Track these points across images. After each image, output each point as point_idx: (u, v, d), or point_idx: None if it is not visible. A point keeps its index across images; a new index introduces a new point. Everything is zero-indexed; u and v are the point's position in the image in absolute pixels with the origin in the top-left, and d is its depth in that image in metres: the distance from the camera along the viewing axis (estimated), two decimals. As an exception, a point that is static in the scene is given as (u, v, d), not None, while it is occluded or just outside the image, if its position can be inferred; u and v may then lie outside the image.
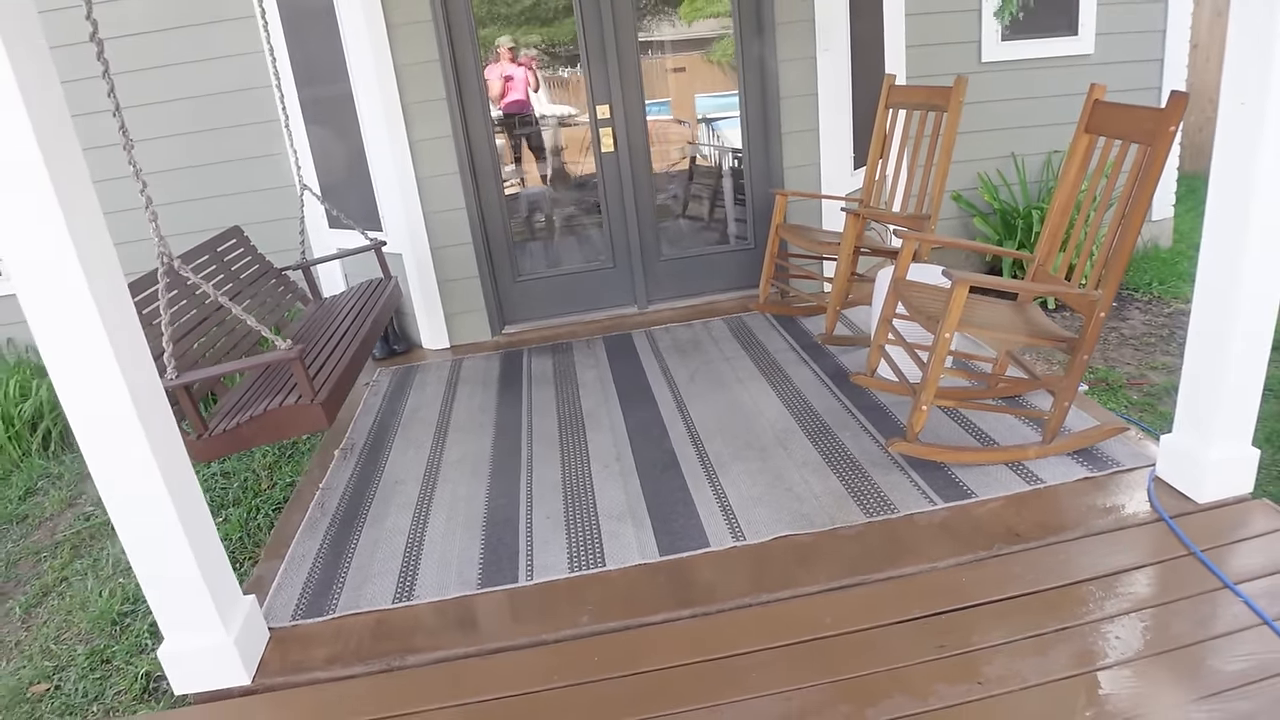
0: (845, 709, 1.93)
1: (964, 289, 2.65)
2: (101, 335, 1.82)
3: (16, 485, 3.99)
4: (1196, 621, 2.09)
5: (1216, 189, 2.30)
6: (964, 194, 5.37)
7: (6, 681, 2.67)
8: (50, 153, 1.72)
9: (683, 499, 2.84)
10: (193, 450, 2.42)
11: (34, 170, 1.70)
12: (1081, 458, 2.85)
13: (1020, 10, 4.73)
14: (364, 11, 3.92)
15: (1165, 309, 4.87)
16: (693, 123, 5.14)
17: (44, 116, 1.72)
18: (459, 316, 4.60)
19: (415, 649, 2.26)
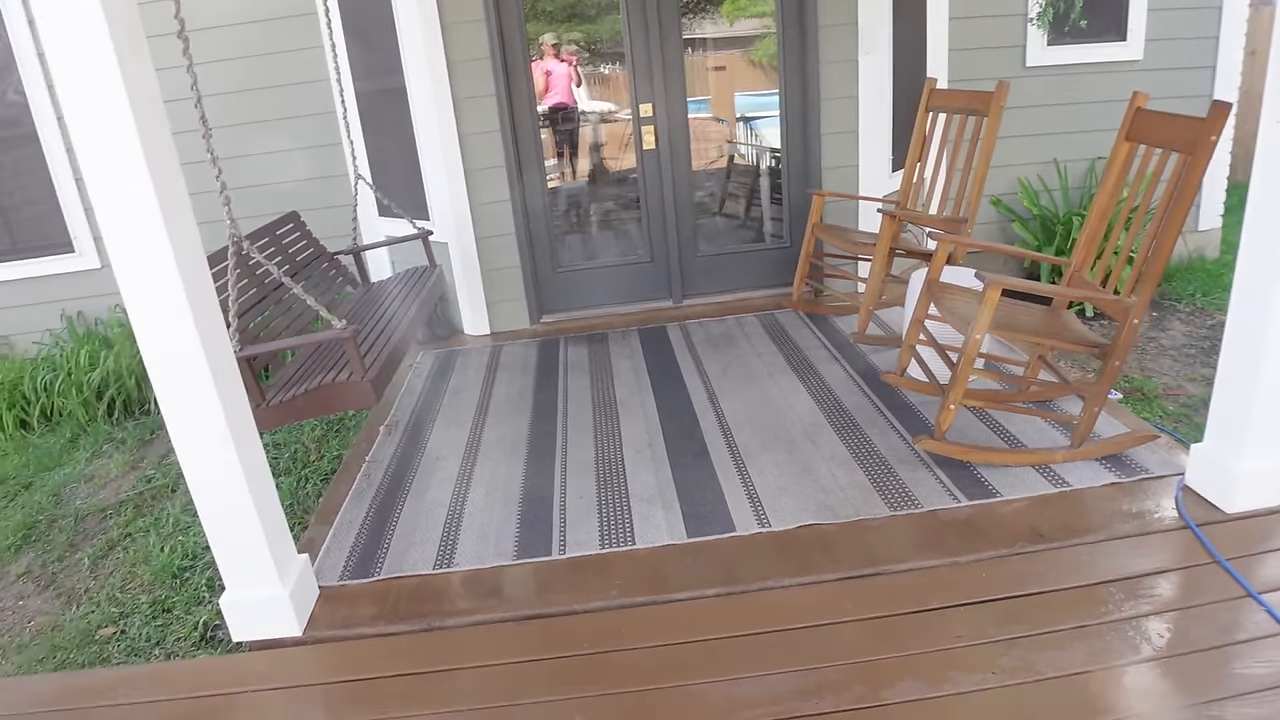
0: (860, 689, 2.01)
1: (996, 291, 2.71)
2: (185, 306, 1.97)
3: (84, 448, 4.22)
4: (1217, 627, 2.12)
5: (1256, 198, 2.33)
6: (1004, 199, 5.38)
7: (77, 624, 2.87)
8: (147, 140, 1.87)
9: (711, 485, 2.94)
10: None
11: (133, 155, 1.85)
12: (1110, 463, 2.88)
13: (1081, 18, 4.72)
14: (420, 10, 4.07)
15: (1208, 321, 4.84)
16: (731, 121, 5.21)
17: (142, 107, 1.87)
18: (500, 304, 4.74)
19: (454, 612, 2.39)
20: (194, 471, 2.15)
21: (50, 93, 4.73)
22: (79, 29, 1.78)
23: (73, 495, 3.86)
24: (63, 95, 1.84)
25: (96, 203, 1.93)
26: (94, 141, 1.87)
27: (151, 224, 1.91)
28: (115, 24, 1.79)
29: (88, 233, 4.98)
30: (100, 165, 1.89)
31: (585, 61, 4.96)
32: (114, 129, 1.84)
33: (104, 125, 1.84)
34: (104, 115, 1.84)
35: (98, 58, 1.79)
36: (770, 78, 4.70)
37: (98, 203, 1.93)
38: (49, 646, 2.84)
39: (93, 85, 1.81)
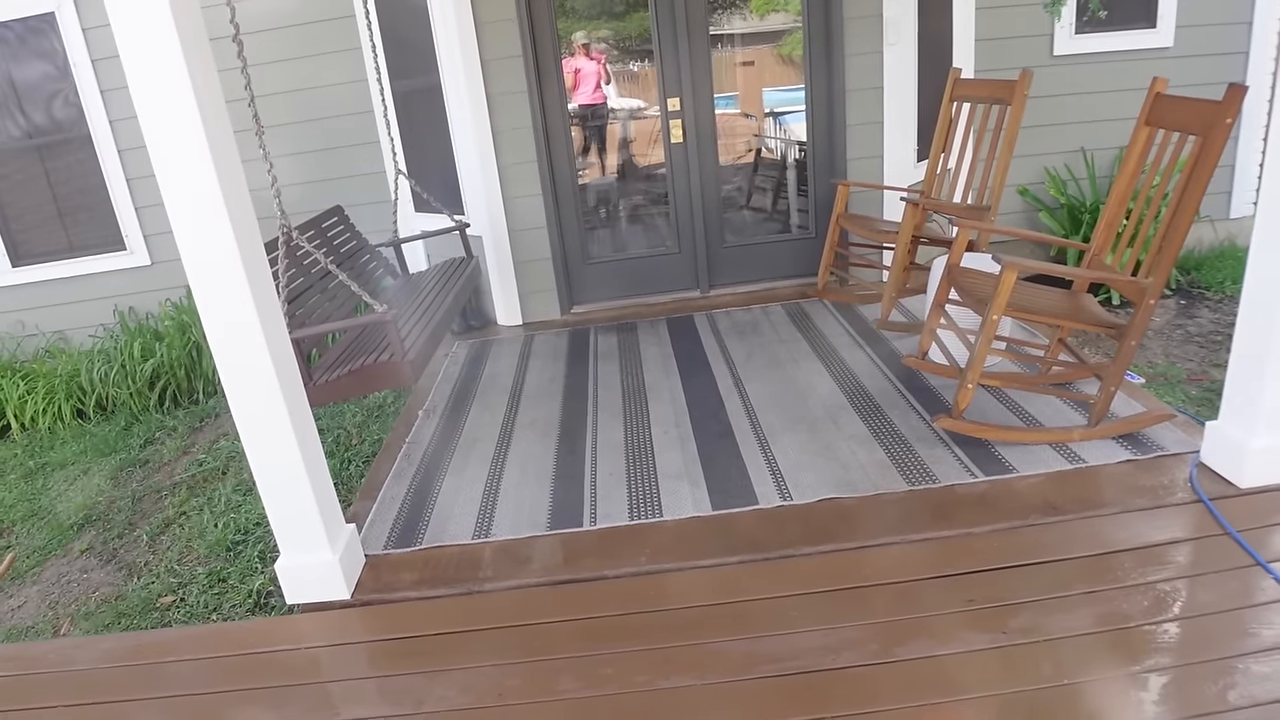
0: (875, 646, 2.12)
1: (1012, 273, 2.79)
2: (246, 290, 2.13)
3: (138, 435, 4.45)
4: (1225, 593, 2.20)
5: (1270, 187, 2.39)
6: (1031, 188, 5.41)
7: (139, 594, 3.07)
8: (213, 137, 2.04)
9: (736, 463, 3.05)
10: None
11: (200, 150, 2.02)
12: (1126, 442, 2.94)
13: (1100, 8, 4.74)
14: (455, 10, 4.23)
15: (1235, 308, 4.82)
16: (759, 116, 5.30)
17: (208, 106, 2.04)
18: (532, 295, 4.89)
19: (491, 577, 2.54)
20: (254, 444, 2.32)
21: (103, 98, 4.97)
22: (153, 40, 1.94)
23: (129, 478, 4.08)
24: (137, 98, 2.00)
25: (166, 196, 2.09)
26: (165, 138, 2.04)
27: (217, 214, 2.08)
28: (185, 33, 1.96)
29: (138, 231, 5.22)
30: (171, 161, 2.06)
31: (615, 59, 5.08)
32: (183, 127, 2.01)
33: (174, 124, 2.01)
34: (174, 115, 2.00)
35: (169, 63, 1.95)
36: (798, 72, 4.80)
37: (167, 196, 2.09)
38: (114, 613, 3.03)
39: (164, 88, 1.98)
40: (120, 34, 1.94)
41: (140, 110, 2.01)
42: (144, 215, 5.19)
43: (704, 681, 2.06)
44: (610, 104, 5.23)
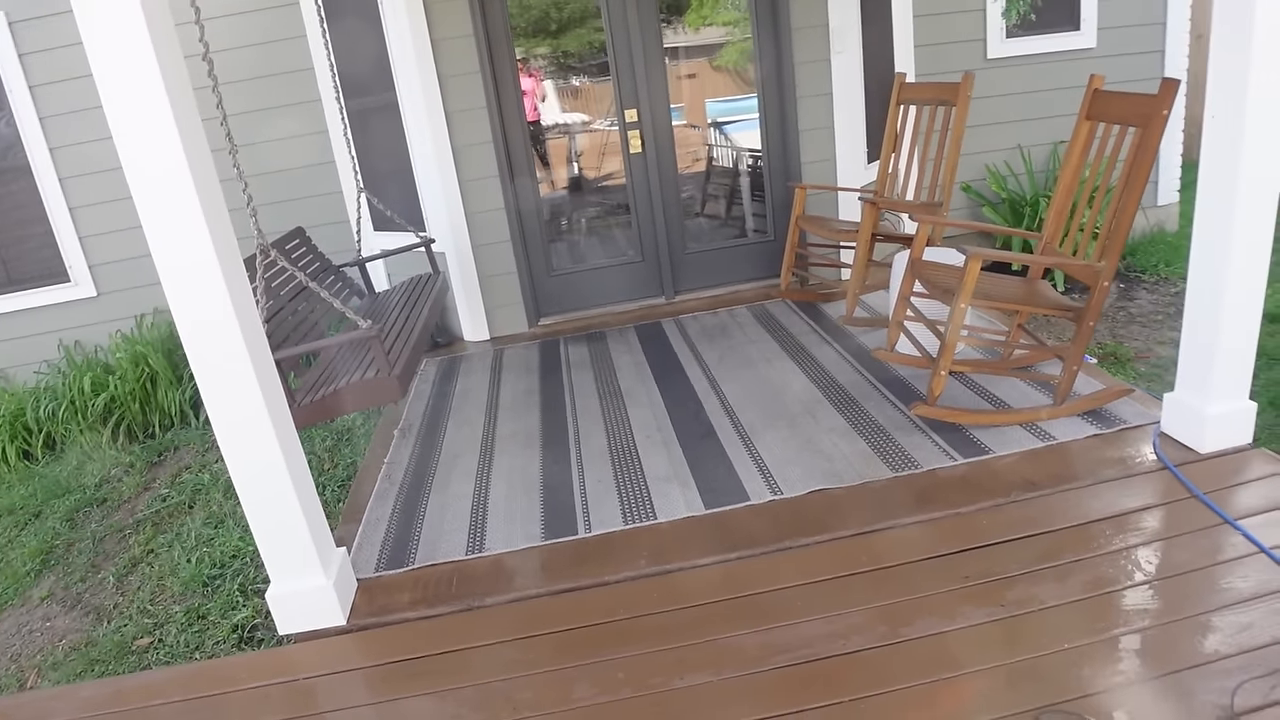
0: (883, 629, 2.16)
1: (977, 263, 2.89)
2: (229, 309, 2.09)
3: (92, 473, 4.28)
4: (1199, 552, 2.31)
5: (1207, 172, 2.54)
6: (973, 185, 5.61)
7: (111, 638, 2.94)
8: (192, 156, 2.00)
9: (722, 462, 3.09)
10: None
11: (180, 172, 1.98)
12: (1090, 418, 3.08)
13: (1030, 10, 4.96)
14: (410, 27, 4.21)
15: (1171, 289, 5.08)
16: (704, 126, 5.37)
17: (187, 126, 2.00)
18: (498, 309, 4.87)
19: (491, 591, 2.51)
20: (241, 469, 2.26)
21: (42, 125, 4.81)
22: (129, 57, 1.90)
23: (87, 519, 3.92)
24: (111, 115, 1.95)
25: (144, 216, 2.04)
26: (142, 157, 1.99)
27: (198, 234, 2.04)
28: (160, 49, 1.92)
29: (83, 262, 5.05)
30: (149, 181, 2.01)
31: (558, 75, 5.06)
32: (161, 145, 1.97)
33: (152, 142, 1.97)
34: (152, 133, 1.96)
35: (146, 82, 1.91)
36: (738, 83, 4.91)
37: (145, 216, 2.04)
38: (85, 661, 2.90)
39: (141, 106, 1.94)
40: (93, 48, 1.89)
41: (115, 127, 1.96)
42: (88, 245, 5.02)
43: (720, 677, 2.08)
44: (544, 121, 5.19)
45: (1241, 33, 2.33)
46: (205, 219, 2.03)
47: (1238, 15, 2.33)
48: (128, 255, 5.06)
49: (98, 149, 4.87)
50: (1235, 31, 2.35)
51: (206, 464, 4.16)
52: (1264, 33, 2.30)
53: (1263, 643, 1.93)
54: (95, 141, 4.87)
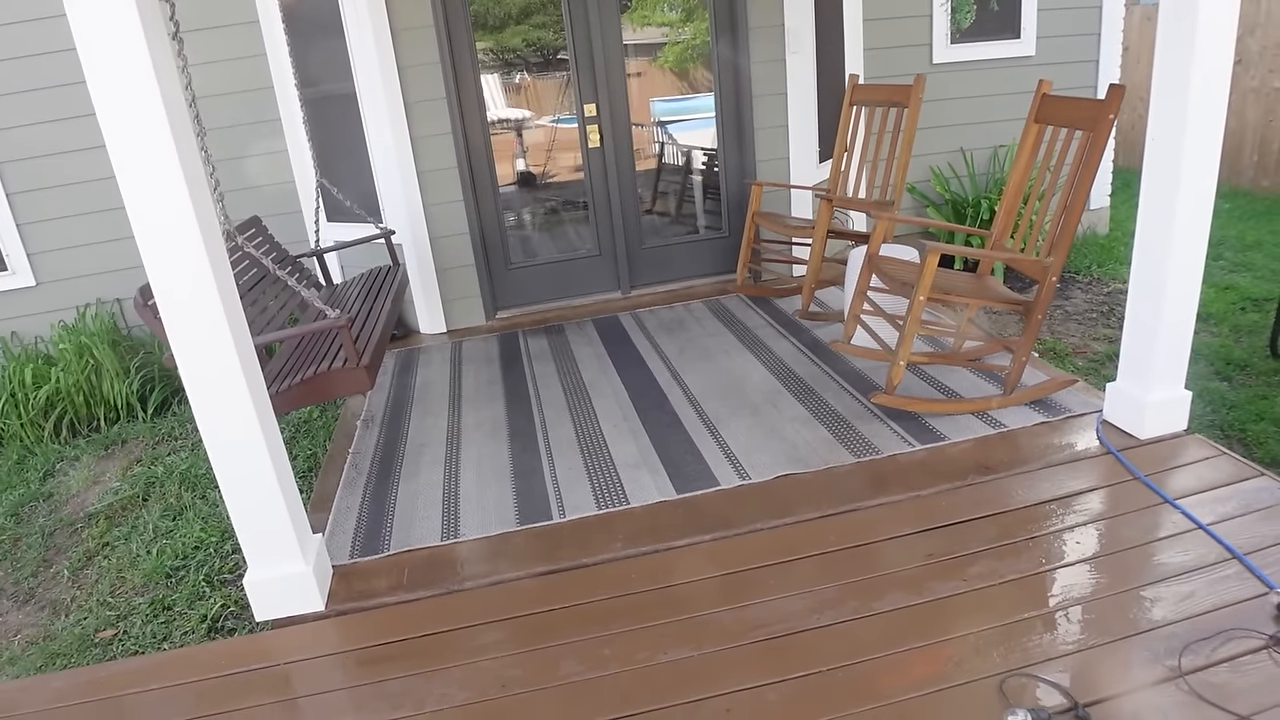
0: (854, 603, 2.27)
1: (935, 256, 3.03)
2: (213, 292, 2.07)
3: (35, 468, 4.13)
4: (1143, 529, 2.48)
5: (1150, 176, 2.72)
6: (918, 186, 5.81)
7: (71, 631, 2.87)
8: (179, 139, 1.97)
9: (690, 449, 3.17)
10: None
11: (166, 152, 1.95)
12: (1038, 406, 3.25)
13: (970, 12, 5.17)
14: (370, 17, 4.18)
15: (1104, 289, 5.36)
16: (650, 125, 5.41)
17: (173, 106, 1.97)
18: (455, 302, 4.86)
19: (470, 576, 2.54)
20: (221, 453, 2.24)
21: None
22: (115, 32, 1.87)
23: (33, 514, 3.78)
24: (95, 90, 1.92)
25: (128, 196, 2.00)
26: (127, 137, 1.96)
27: (183, 214, 2.01)
28: (148, 23, 1.90)
29: (21, 250, 4.85)
30: (132, 159, 1.98)
31: (516, 68, 5.02)
32: (149, 126, 1.94)
33: (140, 122, 1.94)
34: (140, 114, 1.93)
35: (132, 55, 1.89)
36: (686, 83, 4.99)
37: (129, 196, 2.00)
38: (45, 655, 2.82)
39: (126, 81, 1.91)
40: (78, 23, 1.86)
41: (99, 104, 1.93)
42: (27, 233, 4.82)
43: (701, 651, 2.15)
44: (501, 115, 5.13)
45: (1183, 53, 2.50)
46: (190, 196, 2.01)
47: (1180, 37, 2.50)
48: (68, 244, 4.90)
49: (37, 133, 4.71)
50: (1177, 53, 2.53)
51: (158, 457, 4.06)
52: (1204, 53, 2.48)
53: (1204, 609, 2.10)
54: (34, 125, 4.70)
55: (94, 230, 4.85)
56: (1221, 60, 2.52)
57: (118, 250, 4.85)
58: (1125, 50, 6.02)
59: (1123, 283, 5.28)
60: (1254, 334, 4.41)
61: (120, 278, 4.92)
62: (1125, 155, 7.31)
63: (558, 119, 5.06)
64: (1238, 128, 7.16)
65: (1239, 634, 1.99)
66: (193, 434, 4.30)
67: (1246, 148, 7.22)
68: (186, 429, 4.35)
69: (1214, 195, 2.69)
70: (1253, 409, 3.61)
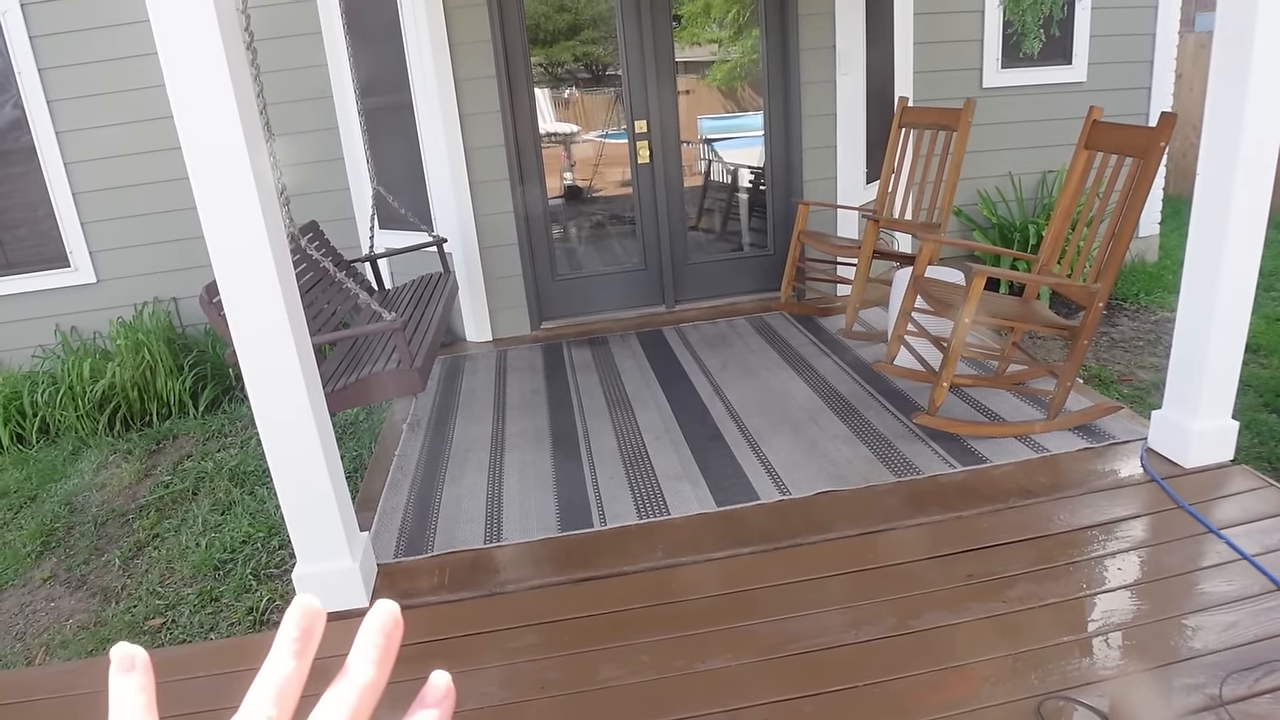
0: (893, 621, 2.27)
1: (981, 279, 3.03)
2: (277, 290, 2.15)
3: (89, 459, 4.28)
4: (1186, 557, 2.46)
5: (1200, 208, 2.70)
6: (964, 209, 5.79)
7: (122, 618, 2.97)
8: (251, 142, 2.07)
9: (730, 463, 3.19)
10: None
11: (239, 155, 2.04)
12: (1081, 432, 3.22)
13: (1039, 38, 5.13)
14: (429, 31, 4.30)
15: (1152, 317, 5.28)
16: (696, 142, 5.46)
17: (246, 111, 2.07)
18: (502, 311, 4.94)
19: (512, 579, 2.59)
20: (277, 448, 2.32)
21: (50, 108, 4.81)
22: (195, 41, 1.97)
23: (86, 503, 3.92)
24: (174, 94, 2.01)
25: (199, 195, 2.09)
26: (205, 139, 2.05)
27: (250, 214, 2.10)
28: (226, 32, 2.00)
29: (84, 248, 5.04)
30: (208, 161, 2.07)
31: (568, 84, 5.12)
32: (224, 129, 2.03)
33: (215, 126, 2.03)
34: (215, 117, 2.03)
35: (211, 61, 1.98)
36: (735, 100, 5.04)
37: (200, 195, 2.09)
38: (96, 640, 2.92)
39: (204, 86, 2.00)
40: (160, 31, 1.96)
41: (176, 107, 2.02)
42: (90, 231, 5.02)
43: (739, 662, 2.17)
44: (554, 128, 5.22)
45: (1237, 80, 2.49)
46: (259, 198, 2.10)
47: (1235, 64, 2.49)
48: (129, 243, 5.08)
49: (104, 135, 4.90)
50: (1231, 80, 2.52)
51: (208, 453, 4.18)
52: (1259, 81, 2.46)
53: (1247, 640, 2.07)
54: (102, 128, 4.90)
55: (153, 230, 5.03)
56: (1276, 87, 2.50)
57: (175, 250, 5.04)
58: (1178, 78, 5.95)
59: (1170, 311, 5.20)
60: (1307, 367, 4.32)
61: (177, 277, 5.10)
62: (1176, 183, 7.20)
63: (605, 134, 5.14)
64: (1295, 158, 7.02)
65: (1286, 668, 1.96)
66: (242, 431, 4.42)
67: (1304, 179, 7.06)
68: (236, 426, 4.48)
69: (1266, 224, 2.67)
70: (1305, 443, 3.54)
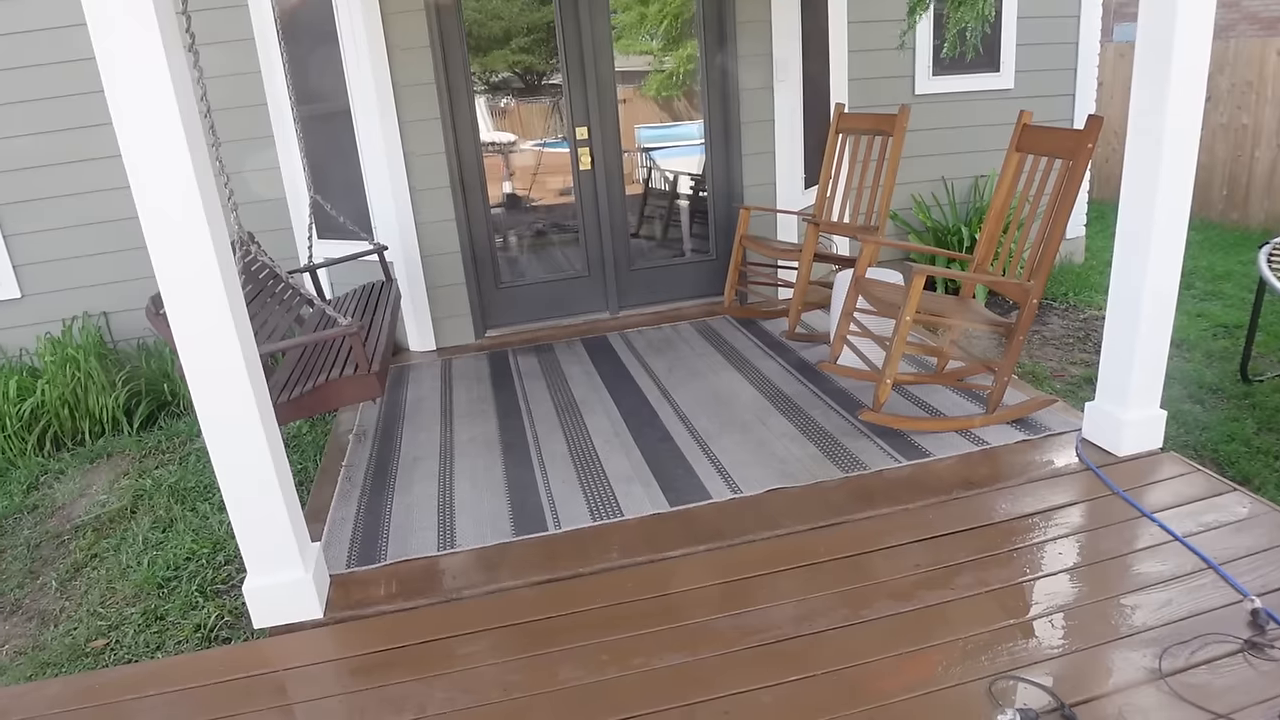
0: (844, 611, 2.33)
1: (922, 278, 3.13)
2: (222, 296, 2.11)
3: (18, 480, 4.09)
4: (1121, 541, 2.57)
5: (1126, 208, 2.84)
6: (900, 213, 5.96)
7: (61, 641, 2.85)
8: (193, 147, 2.02)
9: (681, 464, 3.22)
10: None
11: (182, 161, 2.00)
12: (1019, 425, 3.35)
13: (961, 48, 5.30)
14: (367, 35, 4.25)
15: (1080, 315, 5.51)
16: (635, 151, 5.50)
17: (189, 116, 2.03)
18: (445, 320, 4.90)
19: (468, 585, 2.57)
20: (225, 458, 2.26)
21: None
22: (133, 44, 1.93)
23: (18, 525, 3.75)
24: (112, 100, 1.96)
25: (139, 198, 2.04)
26: (142, 141, 2.00)
27: (193, 217, 2.06)
28: (170, 45, 1.96)
29: (7, 261, 4.83)
30: (145, 163, 2.02)
31: (508, 91, 5.09)
32: (163, 131, 1.99)
33: (154, 128, 1.99)
34: (154, 120, 1.98)
35: (151, 66, 1.94)
36: (672, 110, 5.12)
37: (140, 198, 2.04)
38: (35, 664, 2.80)
39: (144, 92, 1.96)
40: (98, 33, 1.91)
41: (116, 112, 1.97)
42: (13, 244, 4.81)
43: (698, 657, 2.19)
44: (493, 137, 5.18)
45: (1158, 91, 2.64)
46: (203, 206, 2.06)
47: (1155, 75, 2.64)
48: (55, 256, 4.90)
49: (26, 144, 4.72)
50: (1151, 90, 2.66)
51: (146, 470, 4.04)
52: (1177, 92, 2.61)
53: (1182, 615, 2.18)
54: (23, 136, 4.71)
55: (81, 243, 4.86)
56: (1194, 97, 2.65)
57: (106, 263, 4.88)
58: (1100, 85, 6.24)
59: (1098, 309, 5.44)
60: (1225, 359, 4.56)
61: (107, 291, 4.94)
62: (1100, 188, 7.54)
63: (544, 142, 5.14)
64: (1208, 162, 7.42)
65: (1215, 638, 2.07)
66: (180, 447, 4.29)
67: (1216, 182, 7.47)
68: (174, 442, 4.34)
69: (1186, 226, 2.82)
70: (1224, 430, 3.74)
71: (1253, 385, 4.22)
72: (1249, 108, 7.10)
